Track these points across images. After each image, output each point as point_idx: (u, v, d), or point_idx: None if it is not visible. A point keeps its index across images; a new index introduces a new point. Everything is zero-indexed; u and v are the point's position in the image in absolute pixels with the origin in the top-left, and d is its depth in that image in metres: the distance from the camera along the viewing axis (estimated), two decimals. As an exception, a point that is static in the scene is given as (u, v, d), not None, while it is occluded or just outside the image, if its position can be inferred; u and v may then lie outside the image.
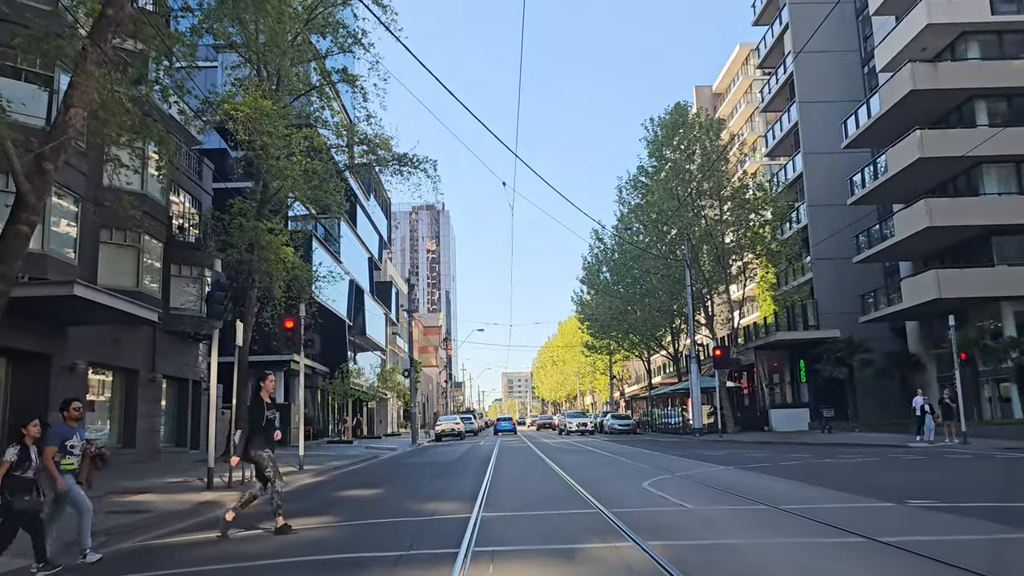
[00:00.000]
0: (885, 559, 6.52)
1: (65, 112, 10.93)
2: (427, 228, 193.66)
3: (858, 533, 7.46)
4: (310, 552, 7.68)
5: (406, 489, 14.11)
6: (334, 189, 23.83)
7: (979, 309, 31.33)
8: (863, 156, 38.80)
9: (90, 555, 7.77)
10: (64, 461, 7.87)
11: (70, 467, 7.95)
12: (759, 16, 51.73)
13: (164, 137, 14.59)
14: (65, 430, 8.05)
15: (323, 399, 44.61)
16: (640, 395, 69.40)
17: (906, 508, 9.45)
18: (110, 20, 11.21)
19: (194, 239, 26.23)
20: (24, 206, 10.66)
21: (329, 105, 24.60)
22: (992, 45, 31.79)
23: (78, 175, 19.37)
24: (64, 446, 7.91)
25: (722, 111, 64.89)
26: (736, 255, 41.27)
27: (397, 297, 68.83)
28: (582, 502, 10.88)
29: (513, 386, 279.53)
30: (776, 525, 8.30)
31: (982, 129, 30.23)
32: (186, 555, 7.94)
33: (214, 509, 11.60)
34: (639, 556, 6.80)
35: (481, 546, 7.46)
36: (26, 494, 7.43)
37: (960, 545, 7.02)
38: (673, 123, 41.76)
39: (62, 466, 7.82)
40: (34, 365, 18.48)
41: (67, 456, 7.93)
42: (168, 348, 24.70)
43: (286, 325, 19.90)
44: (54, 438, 7.90)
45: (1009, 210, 30.11)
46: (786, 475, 14.43)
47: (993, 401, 31.08)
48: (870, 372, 36.78)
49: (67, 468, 7.90)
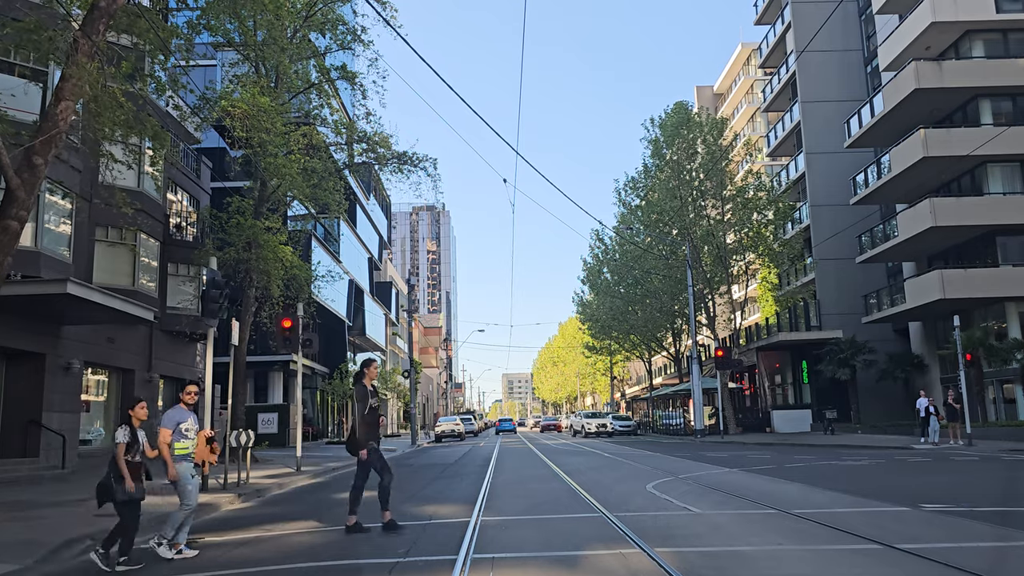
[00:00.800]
0: (905, 568, 6.24)
1: (56, 105, 10.68)
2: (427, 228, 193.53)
3: (874, 540, 7.19)
4: (305, 558, 7.41)
5: (404, 492, 13.84)
6: (333, 188, 23.58)
7: (983, 310, 31.07)
8: (866, 156, 38.57)
9: (163, 550, 7.55)
10: (178, 445, 7.66)
11: (184, 451, 7.72)
12: (761, 15, 51.50)
13: (159, 133, 14.30)
14: (180, 413, 7.80)
15: (322, 400, 44.37)
16: (641, 396, 69.13)
17: (920, 512, 9.18)
18: (102, 12, 10.95)
19: (192, 238, 25.98)
20: (14, 201, 10.41)
21: (328, 103, 24.34)
22: (997, 44, 31.54)
23: (73, 171, 19.11)
24: (179, 429, 7.68)
25: (724, 111, 64.67)
26: (738, 255, 41.02)
27: (397, 297, 68.61)
28: (585, 506, 10.61)
29: (513, 387, 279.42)
30: (788, 531, 8.03)
31: (987, 128, 29.99)
32: (176, 561, 7.66)
33: (209, 511, 11.34)
34: (646, 564, 6.53)
35: (480, 553, 7.19)
36: (140, 476, 7.27)
37: (980, 552, 6.74)
38: (674, 123, 41.50)
39: (176, 450, 7.60)
40: (28, 364, 18.23)
41: (182, 440, 7.70)
42: (165, 348, 24.44)
43: (284, 325, 19.67)
44: (168, 421, 7.67)
45: (1014, 210, 29.84)
46: (792, 477, 14.17)
47: (998, 402, 30.81)
48: (873, 373, 36.52)
49: (181, 452, 7.67)
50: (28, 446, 17.90)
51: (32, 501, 12.11)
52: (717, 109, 64.85)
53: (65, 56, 11.21)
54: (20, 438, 17.89)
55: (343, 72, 23.37)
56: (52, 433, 18.02)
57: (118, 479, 7.20)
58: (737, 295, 42.72)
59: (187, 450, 7.74)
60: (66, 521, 9.71)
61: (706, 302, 41.34)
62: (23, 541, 8.20)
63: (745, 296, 45.26)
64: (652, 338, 51.31)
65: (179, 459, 7.63)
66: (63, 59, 11.41)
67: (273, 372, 37.00)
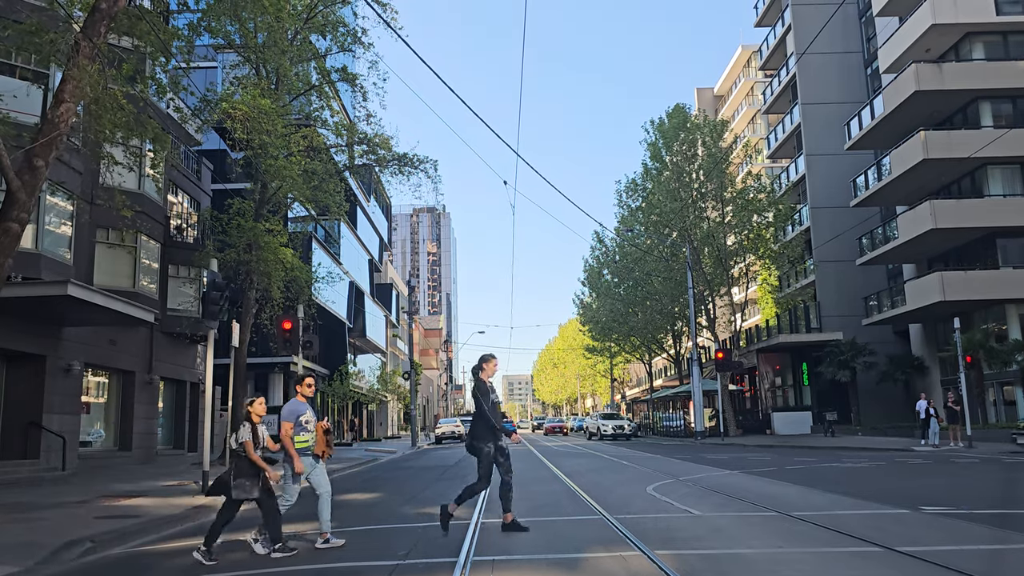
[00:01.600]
0: (905, 571, 6.24)
1: (57, 107, 10.69)
2: (428, 230, 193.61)
3: (875, 542, 7.19)
4: (304, 560, 7.40)
5: (404, 493, 13.85)
6: (334, 190, 23.58)
7: (984, 312, 31.07)
8: (866, 158, 38.58)
9: (333, 539, 7.73)
10: (299, 438, 7.69)
11: (304, 444, 7.75)
12: (761, 18, 51.54)
13: (159, 135, 14.33)
14: (299, 405, 7.82)
15: (322, 401, 44.34)
16: (641, 398, 69.09)
17: (920, 515, 9.18)
18: (103, 14, 10.97)
19: (192, 240, 25.99)
20: (14, 203, 10.42)
21: (328, 104, 24.35)
22: (997, 46, 31.56)
23: (73, 173, 19.14)
24: (299, 422, 7.71)
25: (724, 113, 64.70)
26: (738, 257, 41.02)
27: (397, 299, 68.61)
28: (586, 508, 10.61)
29: (514, 389, 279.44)
30: (788, 533, 8.02)
31: (987, 130, 29.99)
32: (176, 563, 7.66)
33: (208, 514, 11.32)
34: (647, 567, 6.53)
35: (481, 555, 7.18)
36: (247, 479, 7.36)
37: (980, 555, 6.74)
38: (673, 125, 41.52)
39: (297, 443, 7.64)
40: (29, 366, 18.25)
41: (302, 432, 7.73)
42: (165, 349, 24.46)
43: (284, 326, 19.69)
44: (289, 414, 7.69)
45: (1014, 212, 29.85)
46: (793, 480, 14.17)
47: (998, 404, 30.80)
48: (873, 375, 36.52)
49: (302, 445, 7.70)
50: (28, 448, 17.91)
51: (32, 503, 12.10)
52: (717, 111, 64.88)
53: (66, 58, 11.23)
54: (20, 440, 17.90)
55: (344, 74, 23.37)
56: (52, 435, 18.02)
57: (245, 475, 7.36)
58: (737, 297, 42.71)
59: (307, 443, 7.80)
60: (66, 523, 9.70)
61: (706, 304, 41.34)
62: (23, 543, 8.20)
63: (745, 298, 45.24)
64: (652, 340, 51.28)
65: (301, 452, 7.70)
66: (64, 61, 11.43)
67: (273, 374, 36.99)
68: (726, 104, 67.34)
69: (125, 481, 15.99)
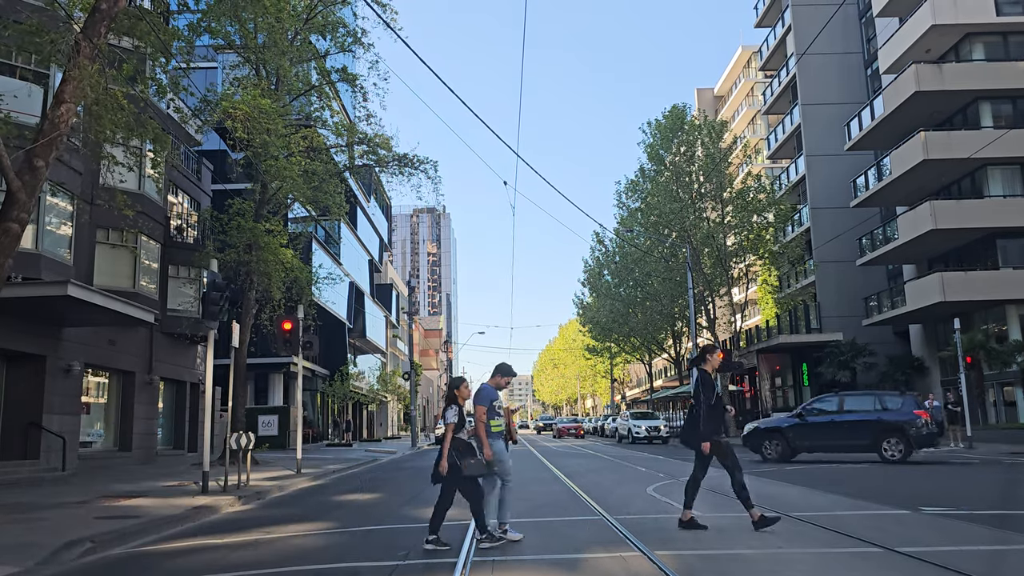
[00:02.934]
0: (905, 572, 6.24)
1: (57, 107, 10.68)
2: (428, 231, 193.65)
3: (875, 543, 7.19)
4: (304, 561, 7.41)
5: (405, 494, 13.85)
6: (334, 190, 23.58)
7: (984, 312, 31.07)
8: (866, 158, 38.59)
9: (511, 533, 7.73)
10: (493, 423, 7.74)
11: (499, 428, 7.82)
12: (761, 18, 51.55)
13: (160, 135, 14.34)
14: (492, 391, 7.88)
15: (322, 402, 44.35)
16: (641, 398, 69.09)
17: (920, 516, 9.18)
18: (103, 14, 10.96)
19: (192, 240, 25.99)
20: (14, 203, 10.41)
21: (329, 105, 24.36)
22: (997, 47, 31.58)
23: (74, 173, 19.14)
24: (492, 407, 7.76)
25: (724, 113, 64.70)
26: (738, 257, 41.03)
27: (397, 300, 68.62)
28: (585, 508, 10.61)
29: (514, 389, 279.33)
30: (788, 534, 8.02)
31: (987, 131, 30.00)
32: (176, 563, 7.66)
33: (208, 514, 11.33)
34: (647, 567, 6.53)
35: (481, 556, 7.18)
36: (471, 457, 7.36)
37: (979, 556, 6.74)
38: (671, 126, 41.51)
39: (491, 428, 7.69)
40: (29, 366, 18.25)
41: (495, 417, 7.78)
42: (166, 350, 24.46)
43: (284, 327, 19.68)
44: (483, 398, 7.73)
45: (1014, 212, 29.86)
46: (793, 480, 14.16)
47: (998, 405, 30.80)
48: (873, 376, 36.51)
49: (496, 430, 7.77)
50: (28, 448, 17.91)
51: (32, 503, 12.10)
52: (717, 111, 64.87)
53: (66, 58, 11.23)
54: (20, 440, 17.90)
55: (344, 74, 23.38)
56: (52, 435, 18.02)
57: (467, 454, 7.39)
58: (737, 297, 42.68)
59: (500, 427, 7.87)
60: (66, 523, 9.70)
61: (706, 304, 41.34)
62: (23, 543, 8.19)
63: (745, 298, 45.24)
64: (652, 340, 51.29)
65: (495, 437, 7.74)
66: (64, 61, 11.44)
67: (273, 374, 37.03)
68: (726, 105, 67.33)
69: (125, 481, 15.98)
